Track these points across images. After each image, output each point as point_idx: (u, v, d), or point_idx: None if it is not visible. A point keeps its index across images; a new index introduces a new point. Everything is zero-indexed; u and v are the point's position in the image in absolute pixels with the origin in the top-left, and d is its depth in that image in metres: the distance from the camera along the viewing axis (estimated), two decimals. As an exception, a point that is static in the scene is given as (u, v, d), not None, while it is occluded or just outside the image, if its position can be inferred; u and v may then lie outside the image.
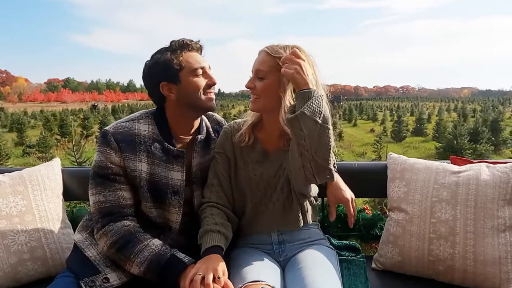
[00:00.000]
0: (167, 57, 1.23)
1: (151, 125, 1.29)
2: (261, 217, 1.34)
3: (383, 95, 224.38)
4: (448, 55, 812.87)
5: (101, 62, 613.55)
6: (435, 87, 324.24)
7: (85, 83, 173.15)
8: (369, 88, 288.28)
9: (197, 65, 1.25)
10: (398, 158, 1.57)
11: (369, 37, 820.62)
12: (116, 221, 1.20)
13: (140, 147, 1.25)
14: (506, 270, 1.26)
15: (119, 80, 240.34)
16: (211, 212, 1.27)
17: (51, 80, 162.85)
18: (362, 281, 1.40)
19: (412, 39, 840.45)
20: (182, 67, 1.23)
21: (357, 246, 1.66)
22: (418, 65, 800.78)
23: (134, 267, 1.15)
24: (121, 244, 1.17)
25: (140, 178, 1.24)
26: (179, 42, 1.25)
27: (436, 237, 1.34)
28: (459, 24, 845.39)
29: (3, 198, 1.44)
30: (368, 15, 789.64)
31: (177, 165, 1.28)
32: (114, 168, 1.22)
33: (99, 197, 1.22)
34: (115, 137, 1.23)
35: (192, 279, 1.03)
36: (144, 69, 1.28)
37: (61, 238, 1.51)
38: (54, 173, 1.64)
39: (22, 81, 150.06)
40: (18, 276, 1.39)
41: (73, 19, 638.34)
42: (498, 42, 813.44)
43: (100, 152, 1.23)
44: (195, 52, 1.28)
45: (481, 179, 1.35)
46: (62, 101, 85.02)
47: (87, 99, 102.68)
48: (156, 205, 1.28)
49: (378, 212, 2.00)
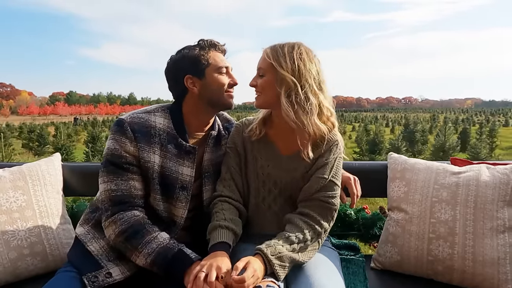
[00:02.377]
0: (196, 52, 1.28)
1: (166, 119, 1.30)
2: (262, 216, 1.34)
3: (385, 106, 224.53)
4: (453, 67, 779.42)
5: (108, 75, 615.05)
6: (439, 98, 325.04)
7: (87, 96, 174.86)
8: (371, 99, 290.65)
9: (223, 64, 1.30)
10: (399, 158, 1.57)
11: (373, 49, 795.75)
12: (126, 210, 1.20)
13: (154, 139, 1.26)
14: (504, 271, 1.27)
15: (121, 93, 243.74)
16: (221, 207, 1.27)
17: (55, 93, 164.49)
18: (361, 280, 1.41)
19: (416, 51, 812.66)
20: (209, 64, 1.28)
21: (356, 245, 1.67)
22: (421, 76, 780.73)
23: (141, 258, 1.15)
24: (130, 233, 1.16)
25: (153, 170, 1.24)
26: (208, 41, 1.31)
27: (436, 237, 1.35)
28: (463, 36, 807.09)
29: (3, 193, 1.44)
30: (371, 28, 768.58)
31: (188, 160, 1.29)
32: (128, 158, 1.22)
33: (110, 185, 1.21)
34: (132, 127, 1.23)
35: (196, 276, 1.04)
36: (169, 62, 1.32)
37: (61, 233, 1.51)
38: (55, 168, 1.64)
39: (26, 95, 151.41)
40: (17, 271, 1.40)
41: (82, 33, 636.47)
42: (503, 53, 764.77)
43: (115, 140, 1.23)
44: (221, 53, 1.34)
45: (481, 180, 1.36)
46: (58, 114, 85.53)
47: (83, 112, 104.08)
48: (164, 198, 1.28)
49: (377, 212, 2.00)
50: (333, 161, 1.27)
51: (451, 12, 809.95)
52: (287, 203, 1.32)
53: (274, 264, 1.09)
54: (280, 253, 1.11)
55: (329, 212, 1.24)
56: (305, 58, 1.21)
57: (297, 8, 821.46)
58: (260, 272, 1.06)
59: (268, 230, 1.30)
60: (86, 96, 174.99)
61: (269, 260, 1.09)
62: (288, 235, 1.17)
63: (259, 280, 1.05)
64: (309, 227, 1.20)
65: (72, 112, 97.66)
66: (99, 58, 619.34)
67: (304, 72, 1.19)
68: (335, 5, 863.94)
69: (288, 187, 1.30)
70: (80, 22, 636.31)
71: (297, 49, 1.22)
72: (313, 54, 1.25)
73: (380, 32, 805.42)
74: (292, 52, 1.21)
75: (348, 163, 1.74)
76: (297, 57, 1.20)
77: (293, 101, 1.20)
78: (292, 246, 1.15)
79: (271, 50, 1.24)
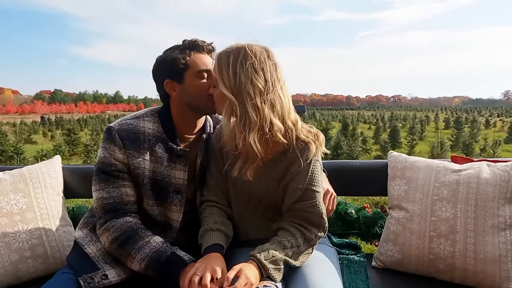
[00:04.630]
0: (175, 54, 1.22)
1: (155, 123, 1.29)
2: (246, 222, 1.30)
3: (375, 104, 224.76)
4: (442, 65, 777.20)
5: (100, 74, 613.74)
6: (427, 96, 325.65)
7: (73, 94, 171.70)
8: (361, 97, 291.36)
9: (203, 67, 1.23)
10: (399, 157, 1.57)
11: (364, 48, 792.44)
12: (119, 217, 1.21)
13: (144, 145, 1.25)
14: (506, 268, 1.26)
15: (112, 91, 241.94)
16: (210, 212, 1.26)
17: (43, 92, 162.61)
18: (363, 279, 1.41)
19: (407, 49, 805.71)
20: (187, 67, 1.22)
21: (357, 244, 1.67)
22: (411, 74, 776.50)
23: (135, 264, 1.15)
24: (123, 240, 1.17)
25: (143, 176, 1.24)
26: (190, 41, 1.24)
27: (437, 235, 1.35)
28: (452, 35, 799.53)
29: (4, 196, 1.44)
30: (363, 26, 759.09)
31: (180, 164, 1.28)
32: (118, 165, 1.22)
33: (102, 193, 1.22)
34: (120, 134, 1.23)
35: (191, 279, 1.03)
36: (154, 64, 1.29)
37: (62, 235, 1.51)
38: (55, 170, 1.64)
39: (9, 93, 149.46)
40: (19, 273, 1.40)
41: (75, 32, 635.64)
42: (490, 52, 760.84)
43: (104, 148, 1.23)
44: (205, 54, 1.26)
45: (482, 178, 1.35)
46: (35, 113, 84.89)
47: (64, 110, 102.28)
48: (158, 203, 1.28)
49: (378, 210, 2.00)
50: (307, 167, 1.18)
51: (440, 11, 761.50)
52: (269, 209, 1.28)
53: (269, 269, 1.08)
54: (274, 257, 1.10)
55: (314, 219, 1.19)
56: (248, 69, 1.09)
57: (289, 6, 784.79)
58: (254, 278, 1.04)
59: (253, 236, 1.28)
60: (72, 94, 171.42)
61: (264, 265, 1.07)
62: (281, 240, 1.15)
63: (253, 286, 1.03)
64: (300, 232, 1.18)
65: (52, 111, 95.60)
66: (91, 56, 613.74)
67: (246, 86, 1.09)
68: (327, 3, 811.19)
69: (265, 195, 1.25)
70: (74, 20, 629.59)
71: (243, 57, 1.10)
72: (265, 56, 1.12)
73: (372, 30, 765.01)
74: (236, 61, 1.10)
75: (349, 161, 1.75)
76: (240, 68, 1.10)
77: (231, 119, 1.15)
78: (285, 251, 1.13)
79: (217, 59, 1.15)
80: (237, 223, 1.31)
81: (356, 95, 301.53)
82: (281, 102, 1.13)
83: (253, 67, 1.10)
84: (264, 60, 1.12)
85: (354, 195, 3.46)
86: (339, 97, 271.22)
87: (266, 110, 1.11)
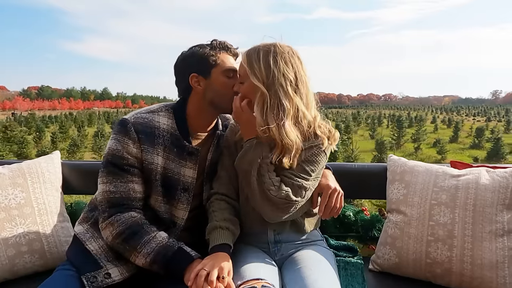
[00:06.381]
0: (205, 51, 1.26)
1: (170, 119, 1.28)
2: (252, 212, 1.31)
3: (365, 102, 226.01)
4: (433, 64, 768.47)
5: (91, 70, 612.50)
6: (418, 95, 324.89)
7: (60, 91, 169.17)
8: (352, 96, 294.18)
9: (231, 67, 1.28)
10: (398, 160, 1.57)
11: (357, 46, 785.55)
12: (124, 212, 1.19)
13: (158, 140, 1.24)
14: (503, 274, 1.26)
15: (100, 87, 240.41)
16: (219, 207, 1.27)
17: (30, 88, 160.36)
18: (359, 282, 1.40)
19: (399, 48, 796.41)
20: (216, 64, 1.26)
21: (354, 247, 1.66)
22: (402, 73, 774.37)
23: (140, 258, 1.15)
24: (128, 234, 1.16)
25: (156, 172, 1.23)
26: (220, 42, 1.29)
27: (434, 239, 1.35)
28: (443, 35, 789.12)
29: (2, 190, 1.44)
30: (356, 25, 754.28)
31: (190, 162, 1.28)
32: (130, 159, 1.20)
33: (109, 187, 1.20)
34: (136, 128, 1.21)
35: (198, 273, 1.04)
36: (179, 57, 1.30)
37: (60, 231, 1.51)
38: (54, 166, 1.64)
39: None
40: (15, 268, 1.40)
41: (65, 27, 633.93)
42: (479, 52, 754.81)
43: (117, 140, 1.20)
44: (232, 56, 1.32)
45: (481, 183, 1.35)
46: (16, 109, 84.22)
47: (46, 107, 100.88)
48: (166, 200, 1.27)
49: (376, 214, 2.00)
50: (310, 155, 1.22)
51: (432, 10, 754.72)
52: None
53: None
54: None
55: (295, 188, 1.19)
56: (280, 63, 1.17)
57: (282, 4, 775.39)
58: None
59: (256, 228, 1.31)
60: (60, 91, 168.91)
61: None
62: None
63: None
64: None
65: (34, 107, 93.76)
66: (81, 52, 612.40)
67: (278, 78, 1.16)
68: (320, 2, 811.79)
69: None
70: (64, 15, 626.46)
71: (274, 52, 1.18)
72: (291, 52, 1.21)
73: (364, 29, 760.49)
74: (268, 56, 1.18)
75: (348, 164, 1.75)
76: (273, 61, 1.17)
77: (264, 109, 1.18)
78: None
79: (247, 55, 1.22)
80: (243, 213, 1.33)
81: (347, 93, 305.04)
82: (307, 95, 1.22)
83: (284, 61, 1.18)
84: (292, 56, 1.21)
85: (352, 198, 3.45)
86: (331, 95, 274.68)
87: (297, 99, 1.19)
